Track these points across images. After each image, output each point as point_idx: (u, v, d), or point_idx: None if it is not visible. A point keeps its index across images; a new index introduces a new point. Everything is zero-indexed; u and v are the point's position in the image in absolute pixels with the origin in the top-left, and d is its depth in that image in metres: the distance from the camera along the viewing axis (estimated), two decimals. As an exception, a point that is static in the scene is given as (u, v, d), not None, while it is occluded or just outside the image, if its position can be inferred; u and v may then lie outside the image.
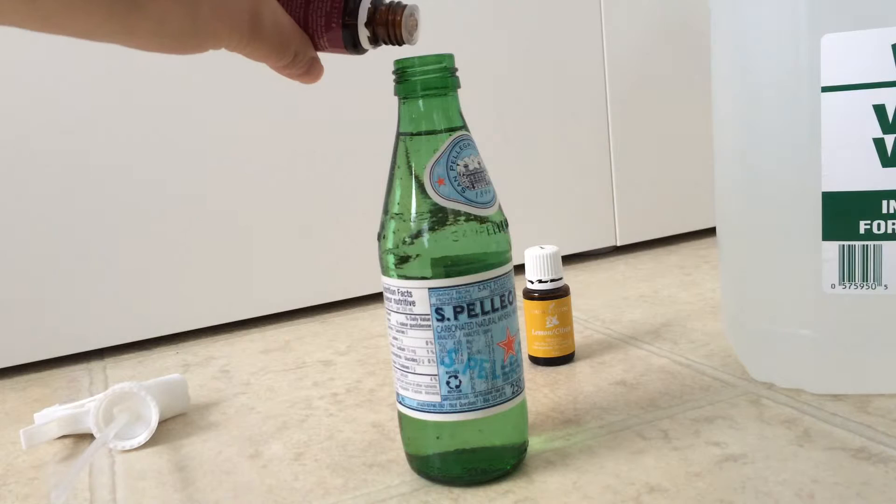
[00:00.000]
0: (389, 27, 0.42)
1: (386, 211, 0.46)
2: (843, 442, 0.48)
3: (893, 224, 0.50)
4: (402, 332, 0.46)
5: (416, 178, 0.44)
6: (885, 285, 0.51)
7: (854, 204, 0.50)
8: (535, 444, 0.51)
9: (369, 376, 0.68)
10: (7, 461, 0.58)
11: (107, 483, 0.53)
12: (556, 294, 0.65)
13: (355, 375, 0.69)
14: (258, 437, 0.57)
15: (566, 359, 0.66)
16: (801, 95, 0.51)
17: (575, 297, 0.85)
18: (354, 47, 0.43)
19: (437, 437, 0.46)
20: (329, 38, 0.42)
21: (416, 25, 0.43)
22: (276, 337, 0.83)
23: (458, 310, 0.44)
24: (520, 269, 0.63)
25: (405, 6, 0.42)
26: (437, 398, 0.46)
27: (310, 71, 0.44)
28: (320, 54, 0.44)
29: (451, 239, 0.44)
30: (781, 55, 0.51)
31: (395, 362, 0.47)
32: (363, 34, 0.42)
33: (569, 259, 1.05)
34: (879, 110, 0.49)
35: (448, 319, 0.44)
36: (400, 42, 0.43)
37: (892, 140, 0.49)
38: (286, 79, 0.45)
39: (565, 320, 0.65)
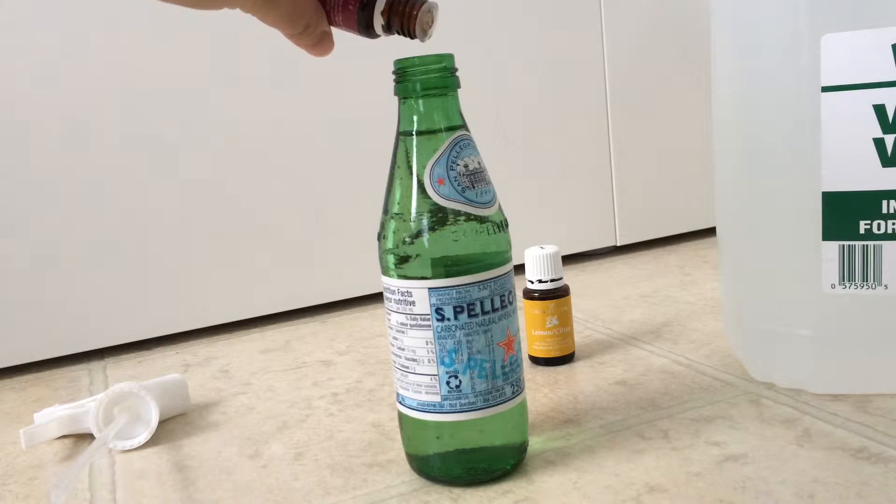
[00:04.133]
0: (405, 20, 0.42)
1: (386, 211, 0.46)
2: (843, 442, 0.48)
3: (893, 224, 0.50)
4: (402, 332, 0.46)
5: (416, 177, 0.44)
6: (885, 285, 0.51)
7: (854, 204, 0.50)
8: (535, 444, 0.51)
9: (369, 376, 0.68)
10: (7, 461, 0.58)
11: (107, 483, 0.53)
12: (556, 294, 0.65)
13: (355, 375, 0.69)
14: (258, 437, 0.57)
15: (566, 359, 0.66)
16: (801, 95, 0.51)
17: (575, 297, 0.85)
18: (367, 30, 0.43)
19: (438, 437, 0.46)
20: (344, 17, 0.43)
21: (432, 23, 0.43)
22: (276, 337, 0.83)
23: (458, 310, 0.44)
24: (520, 269, 0.63)
25: (424, 2, 0.42)
26: (437, 398, 0.46)
27: (320, 44, 0.44)
28: (334, 31, 0.44)
29: (451, 239, 0.44)
30: (781, 55, 0.51)
31: (395, 362, 0.47)
32: (378, 21, 0.42)
33: (569, 259, 1.05)
34: (879, 110, 0.49)
35: (448, 319, 0.44)
36: (412, 36, 0.43)
37: (892, 140, 0.49)
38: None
39: (565, 320, 0.65)
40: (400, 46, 0.50)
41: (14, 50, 0.75)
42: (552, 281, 0.65)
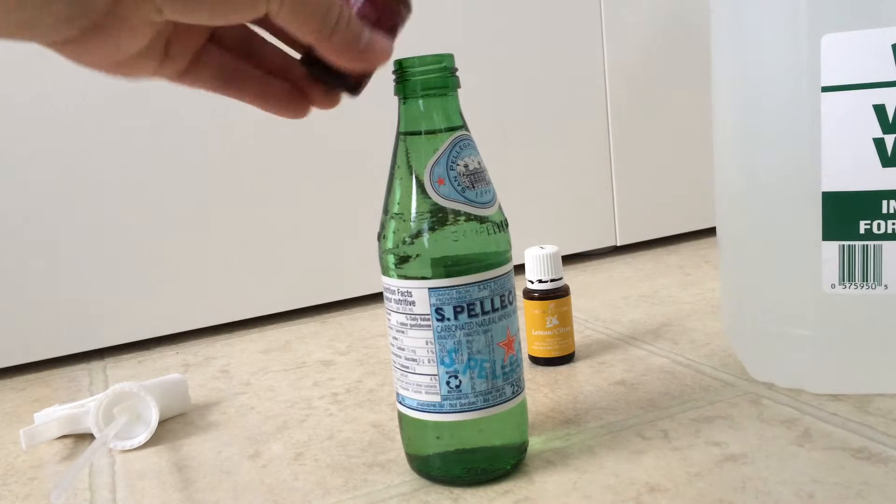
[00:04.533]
0: None
1: (386, 211, 0.46)
2: (843, 442, 0.48)
3: (893, 224, 0.50)
4: (402, 332, 0.46)
5: (416, 178, 0.44)
6: (885, 285, 0.51)
7: (854, 204, 0.50)
8: (535, 444, 0.51)
9: (369, 376, 0.68)
10: (7, 461, 0.58)
11: (107, 483, 0.53)
12: (556, 294, 0.65)
13: (355, 375, 0.69)
14: (258, 437, 0.57)
15: (566, 359, 0.66)
16: (801, 95, 0.51)
17: (575, 297, 0.85)
18: (408, 9, 0.38)
19: (437, 437, 0.46)
20: (384, 6, 0.37)
21: None
22: (276, 337, 0.83)
23: (458, 310, 0.44)
24: (520, 269, 0.63)
25: None
26: (437, 398, 0.46)
27: (373, 43, 0.35)
28: None
29: (451, 239, 0.44)
30: (781, 55, 0.51)
31: (394, 362, 0.47)
32: None
33: (569, 259, 1.05)
34: (879, 110, 0.49)
35: (448, 319, 0.44)
36: None
37: (892, 140, 0.49)
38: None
39: (565, 320, 0.65)
40: (399, 46, 0.50)
41: (15, 46, 0.75)
42: (552, 281, 0.65)
